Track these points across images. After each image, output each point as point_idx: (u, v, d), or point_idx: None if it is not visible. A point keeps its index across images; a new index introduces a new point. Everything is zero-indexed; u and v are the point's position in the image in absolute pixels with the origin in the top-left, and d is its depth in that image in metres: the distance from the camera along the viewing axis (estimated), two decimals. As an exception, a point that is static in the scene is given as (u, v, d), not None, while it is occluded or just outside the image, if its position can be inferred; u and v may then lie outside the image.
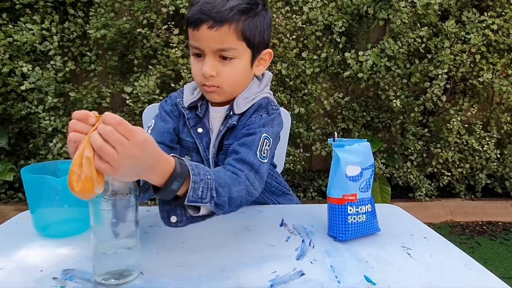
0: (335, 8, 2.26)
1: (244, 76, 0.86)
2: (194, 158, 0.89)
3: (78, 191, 0.49)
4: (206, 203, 0.60)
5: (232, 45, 0.79)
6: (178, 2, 2.13)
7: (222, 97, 0.86)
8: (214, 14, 0.76)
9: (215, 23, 0.76)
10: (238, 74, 0.84)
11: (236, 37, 0.79)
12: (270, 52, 0.89)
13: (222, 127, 0.86)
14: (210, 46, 0.79)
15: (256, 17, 0.81)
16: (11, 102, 2.26)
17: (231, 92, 0.86)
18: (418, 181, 2.48)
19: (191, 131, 0.88)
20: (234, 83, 0.85)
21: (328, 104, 2.36)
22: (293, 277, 0.60)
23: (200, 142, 0.88)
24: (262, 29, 0.83)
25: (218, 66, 0.81)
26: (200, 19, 0.77)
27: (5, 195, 2.37)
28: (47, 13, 2.21)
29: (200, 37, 0.78)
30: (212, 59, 0.80)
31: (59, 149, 2.20)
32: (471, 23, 2.24)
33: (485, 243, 2.25)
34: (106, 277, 0.55)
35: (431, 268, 0.64)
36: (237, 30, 0.78)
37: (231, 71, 0.82)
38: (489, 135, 2.44)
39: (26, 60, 2.16)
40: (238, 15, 0.78)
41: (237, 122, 0.85)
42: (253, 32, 0.81)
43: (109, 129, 0.48)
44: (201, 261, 0.63)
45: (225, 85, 0.83)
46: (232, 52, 0.80)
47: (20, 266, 0.61)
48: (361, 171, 0.74)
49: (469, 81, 2.37)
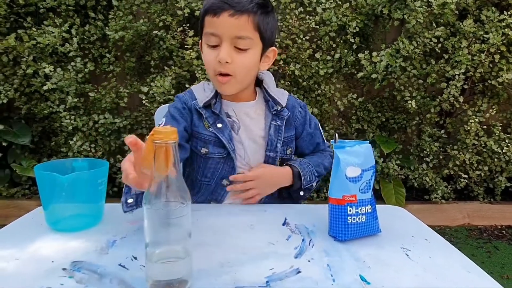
0: (349, 8, 2.25)
1: (254, 68, 0.93)
2: (210, 150, 0.94)
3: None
4: (313, 182, 0.99)
5: (249, 34, 0.86)
6: (193, 5, 2.18)
7: (233, 88, 0.92)
8: (235, 3, 0.84)
9: (236, 12, 0.84)
10: (251, 64, 0.90)
11: (252, 28, 0.86)
12: (275, 50, 0.96)
13: (274, 122, 0.98)
14: (230, 33, 0.85)
15: (269, 15, 0.89)
16: (35, 102, 2.36)
17: (242, 81, 0.92)
18: (434, 183, 2.44)
19: (211, 127, 0.93)
20: (247, 72, 0.91)
21: (342, 104, 2.36)
22: (289, 275, 0.61)
23: (223, 135, 0.93)
24: (272, 28, 0.91)
25: (233, 54, 0.87)
26: (222, 7, 0.84)
27: (28, 190, 2.49)
28: (69, 17, 2.30)
29: (220, 23, 0.84)
30: (228, 46, 0.86)
31: (79, 147, 2.29)
32: (491, 22, 2.19)
33: (503, 248, 2.19)
34: (157, 284, 0.55)
35: (428, 270, 0.64)
36: (254, 21, 0.86)
37: (245, 59, 0.88)
38: (509, 137, 2.38)
39: (48, 61, 2.26)
40: (255, 8, 0.85)
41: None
42: (266, 27, 0.88)
43: (250, 183, 0.93)
44: (201, 257, 0.65)
45: (239, 73, 0.89)
46: (248, 42, 0.87)
47: (34, 257, 0.65)
48: (362, 172, 0.75)
49: (488, 81, 2.31)
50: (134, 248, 0.68)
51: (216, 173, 0.95)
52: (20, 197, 2.44)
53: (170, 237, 0.55)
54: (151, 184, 0.53)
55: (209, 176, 0.96)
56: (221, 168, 0.95)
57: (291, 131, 1.02)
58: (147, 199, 0.53)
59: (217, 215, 0.87)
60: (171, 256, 0.55)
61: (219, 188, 0.97)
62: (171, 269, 0.55)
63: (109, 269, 0.61)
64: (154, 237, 0.54)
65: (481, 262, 2.02)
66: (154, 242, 0.54)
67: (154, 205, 0.53)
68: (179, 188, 0.54)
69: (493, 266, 1.98)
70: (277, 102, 0.99)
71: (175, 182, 0.53)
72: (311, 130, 1.06)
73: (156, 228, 0.54)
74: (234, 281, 0.58)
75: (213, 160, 0.95)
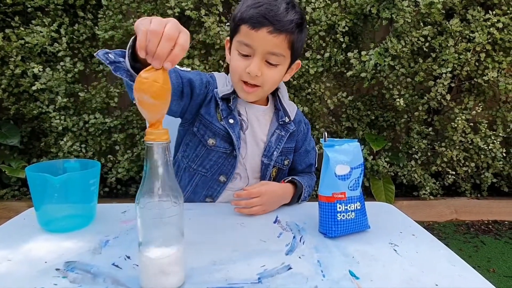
0: (338, 8, 2.27)
1: (279, 80, 0.95)
2: (217, 143, 0.95)
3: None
4: (307, 197, 1.00)
5: (283, 52, 0.88)
6: (183, 4, 2.17)
7: (256, 97, 0.95)
8: (276, 22, 0.84)
9: (275, 30, 0.84)
10: (278, 78, 0.93)
11: (287, 46, 0.87)
12: (299, 63, 0.99)
13: (279, 131, 1.00)
14: (264, 48, 0.86)
15: (303, 32, 0.91)
16: (24, 102, 2.34)
17: (267, 92, 0.96)
18: (422, 179, 2.48)
19: (223, 121, 0.94)
20: (273, 85, 0.94)
21: (332, 103, 2.38)
22: (280, 271, 0.63)
23: (233, 131, 0.94)
24: (303, 42, 0.93)
25: (264, 68, 0.89)
26: (262, 22, 0.84)
27: (18, 191, 2.46)
28: (58, 16, 2.28)
29: (257, 38, 0.85)
30: (260, 60, 0.87)
31: (69, 148, 2.27)
32: (476, 22, 2.23)
33: (490, 242, 2.24)
34: (150, 283, 0.55)
35: (415, 264, 0.66)
36: (290, 40, 0.87)
37: (274, 74, 0.90)
38: (495, 134, 2.43)
39: (37, 61, 2.23)
40: (294, 28, 0.86)
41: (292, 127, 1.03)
42: (298, 44, 0.91)
43: (254, 200, 0.87)
44: (193, 255, 0.66)
45: (266, 85, 0.91)
46: (280, 58, 0.88)
47: (27, 258, 0.65)
48: (350, 170, 0.77)
49: (474, 79, 2.36)
50: (127, 248, 0.69)
51: (215, 167, 0.96)
52: (10, 199, 2.42)
53: (163, 236, 0.55)
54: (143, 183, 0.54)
55: (207, 168, 0.96)
56: (221, 163, 0.96)
57: (292, 143, 1.03)
58: (139, 198, 0.54)
59: (209, 213, 0.88)
60: (164, 255, 0.55)
61: (215, 183, 0.97)
62: (164, 268, 0.56)
63: (102, 269, 0.62)
64: (147, 236, 0.55)
65: (468, 256, 2.06)
66: (147, 242, 0.55)
67: (147, 205, 0.53)
68: (171, 187, 0.55)
69: (480, 260, 2.03)
70: (287, 114, 1.00)
71: (167, 182, 0.54)
72: (309, 148, 1.08)
73: (149, 228, 0.55)
74: (227, 279, 0.60)
75: (216, 153, 0.95)
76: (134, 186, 2.55)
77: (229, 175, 0.96)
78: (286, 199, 0.94)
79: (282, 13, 0.84)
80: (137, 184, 2.53)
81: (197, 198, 0.99)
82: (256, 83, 0.90)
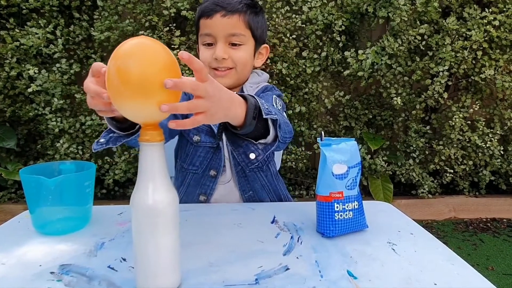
0: (335, 7, 2.27)
1: (249, 62, 0.98)
2: (202, 139, 0.97)
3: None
4: (275, 115, 0.67)
5: (242, 32, 0.93)
6: (179, 5, 2.17)
7: (232, 80, 0.96)
8: (226, 5, 0.91)
9: (227, 12, 0.91)
10: (247, 57, 0.96)
11: (244, 26, 0.93)
12: (267, 47, 1.03)
13: None
14: (224, 31, 0.91)
15: (258, 15, 0.96)
16: (20, 104, 2.32)
17: (241, 74, 0.97)
18: (421, 178, 2.48)
19: None
20: (244, 64, 0.96)
21: (329, 102, 2.38)
22: (278, 272, 0.62)
23: (215, 125, 0.96)
24: (262, 26, 0.98)
25: (229, 50, 0.93)
26: (214, 9, 0.91)
27: (15, 194, 2.45)
28: (53, 17, 2.27)
29: (214, 24, 0.91)
30: (223, 44, 0.92)
31: (66, 149, 2.26)
32: (473, 20, 2.24)
33: (489, 240, 2.24)
34: (146, 285, 0.55)
35: (413, 263, 0.66)
36: (245, 20, 0.93)
37: (241, 53, 0.94)
38: (492, 132, 2.43)
39: (33, 63, 2.22)
40: (245, 8, 0.93)
41: None
42: (256, 25, 0.95)
43: (199, 102, 0.51)
44: (190, 256, 0.66)
45: (239, 66, 0.94)
46: (241, 38, 0.93)
47: (21, 262, 0.64)
48: (348, 169, 0.76)
49: (471, 77, 2.36)
50: (123, 250, 0.68)
51: (204, 162, 0.98)
52: (6, 201, 2.40)
53: (158, 237, 0.55)
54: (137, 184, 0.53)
55: (197, 165, 0.98)
56: (210, 158, 0.98)
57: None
58: (134, 199, 0.53)
59: (205, 214, 0.87)
60: (160, 256, 0.55)
61: (207, 180, 0.98)
62: (160, 269, 0.55)
63: (98, 272, 0.61)
64: (142, 237, 0.54)
65: (467, 254, 2.06)
66: (142, 243, 0.54)
67: (141, 205, 0.53)
68: (166, 188, 0.54)
69: (479, 258, 2.03)
70: (242, 92, 0.99)
71: (162, 182, 0.54)
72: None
73: (144, 229, 0.54)
74: (224, 280, 0.59)
75: (204, 149, 0.97)
76: (131, 187, 2.54)
77: (218, 168, 0.98)
78: (237, 108, 0.62)
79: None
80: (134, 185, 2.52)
81: (191, 198, 0.99)
82: (228, 66, 0.94)
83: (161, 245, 0.55)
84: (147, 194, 0.53)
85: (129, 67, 0.46)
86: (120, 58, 0.46)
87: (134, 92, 0.46)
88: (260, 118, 0.66)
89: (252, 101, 0.64)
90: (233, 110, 0.60)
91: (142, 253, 0.54)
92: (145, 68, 0.46)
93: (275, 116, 0.67)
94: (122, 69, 0.46)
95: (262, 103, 0.66)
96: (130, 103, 0.48)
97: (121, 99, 0.48)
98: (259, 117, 0.66)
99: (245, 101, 0.64)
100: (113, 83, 0.47)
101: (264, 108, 0.65)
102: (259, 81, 1.03)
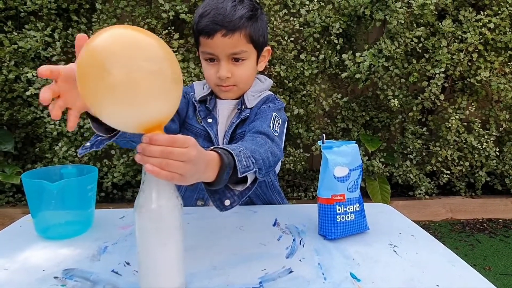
0: (332, 10, 2.28)
1: (253, 73, 0.98)
2: (201, 143, 0.94)
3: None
4: (253, 170, 0.65)
5: (244, 48, 0.90)
6: (178, 8, 2.17)
7: (236, 94, 0.98)
8: (226, 23, 0.86)
9: (228, 32, 0.87)
10: (249, 72, 0.96)
11: (245, 41, 0.90)
12: (269, 49, 1.01)
13: (235, 119, 0.96)
14: (225, 52, 0.90)
15: (258, 21, 0.92)
16: (18, 107, 2.31)
17: (244, 89, 0.98)
18: (418, 179, 2.50)
19: (202, 121, 0.98)
20: (247, 80, 0.97)
21: (327, 104, 2.39)
22: (282, 275, 0.63)
23: (211, 130, 0.97)
24: (263, 30, 0.95)
25: (232, 68, 0.92)
26: (214, 29, 0.87)
27: (13, 198, 2.43)
28: (51, 20, 2.26)
29: (215, 44, 0.88)
30: (226, 63, 0.91)
31: (65, 153, 2.25)
32: (468, 22, 2.26)
33: (485, 240, 2.26)
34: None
35: (415, 265, 0.67)
36: (246, 35, 0.89)
37: (244, 70, 0.94)
38: (488, 133, 2.45)
39: (31, 66, 2.21)
40: (246, 22, 0.88)
41: (249, 114, 0.97)
42: (258, 34, 0.92)
43: (169, 150, 0.49)
44: (193, 260, 0.66)
45: (240, 82, 0.95)
46: (243, 54, 0.91)
47: (24, 267, 0.64)
48: (349, 172, 0.77)
49: (467, 79, 2.38)
50: (126, 254, 0.68)
51: None
52: (4, 205, 2.38)
53: (162, 241, 0.55)
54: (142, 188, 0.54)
55: None
56: None
57: (245, 128, 0.96)
58: (138, 203, 0.53)
59: (207, 217, 0.87)
60: (164, 260, 0.55)
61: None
62: (164, 273, 0.55)
63: (101, 276, 0.61)
64: (146, 241, 0.55)
65: (464, 255, 2.08)
66: (146, 247, 0.55)
67: (145, 210, 0.53)
68: (170, 192, 0.54)
69: (476, 258, 2.05)
70: (244, 103, 0.98)
71: (166, 186, 0.54)
72: (264, 115, 0.92)
73: (148, 233, 0.54)
74: (227, 283, 0.59)
75: None
76: (130, 190, 2.53)
77: None
78: (208, 171, 0.59)
79: (230, 12, 0.86)
80: (134, 188, 2.52)
81: (189, 203, 0.99)
82: (230, 84, 0.94)
83: (165, 249, 0.55)
84: (151, 198, 0.53)
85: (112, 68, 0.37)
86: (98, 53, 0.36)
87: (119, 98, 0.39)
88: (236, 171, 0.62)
89: (226, 162, 0.60)
90: (206, 173, 0.58)
91: (146, 257, 0.54)
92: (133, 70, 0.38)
93: (253, 170, 0.65)
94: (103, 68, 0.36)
95: (240, 159, 0.63)
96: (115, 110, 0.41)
97: (103, 104, 0.41)
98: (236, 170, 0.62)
99: (221, 160, 0.60)
100: (89, 83, 0.38)
101: (241, 165, 0.62)
102: (261, 89, 1.01)
